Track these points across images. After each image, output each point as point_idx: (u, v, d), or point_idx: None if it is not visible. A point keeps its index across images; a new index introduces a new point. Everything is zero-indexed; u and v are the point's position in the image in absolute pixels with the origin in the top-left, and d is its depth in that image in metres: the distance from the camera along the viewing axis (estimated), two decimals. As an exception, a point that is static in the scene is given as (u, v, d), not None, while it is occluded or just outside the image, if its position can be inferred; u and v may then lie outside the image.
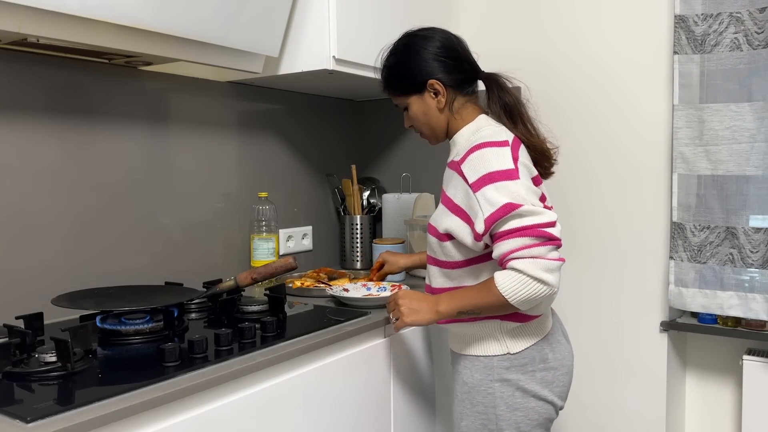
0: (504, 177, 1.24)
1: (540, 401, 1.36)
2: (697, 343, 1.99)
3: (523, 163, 1.29)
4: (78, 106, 1.54)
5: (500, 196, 1.22)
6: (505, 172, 1.25)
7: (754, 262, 1.71)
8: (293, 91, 2.14)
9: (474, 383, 1.37)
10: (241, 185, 1.96)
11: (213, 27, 1.46)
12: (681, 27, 1.78)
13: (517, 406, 1.34)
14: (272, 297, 1.49)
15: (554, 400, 1.37)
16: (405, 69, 1.40)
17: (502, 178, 1.24)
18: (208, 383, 1.07)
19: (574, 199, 2.02)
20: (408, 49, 1.40)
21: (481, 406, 1.36)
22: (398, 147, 2.36)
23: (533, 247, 1.19)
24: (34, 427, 0.87)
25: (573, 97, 2.02)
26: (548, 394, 1.36)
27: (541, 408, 1.36)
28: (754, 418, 1.75)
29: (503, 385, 1.35)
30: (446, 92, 1.38)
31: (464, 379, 1.39)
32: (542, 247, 1.20)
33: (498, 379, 1.35)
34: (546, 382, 1.36)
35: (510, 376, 1.34)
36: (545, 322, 1.39)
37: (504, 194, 1.22)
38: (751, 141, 1.71)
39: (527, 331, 1.35)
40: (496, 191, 1.23)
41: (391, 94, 1.45)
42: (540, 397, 1.35)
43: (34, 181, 1.46)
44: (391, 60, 1.42)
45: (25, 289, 1.44)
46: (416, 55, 1.38)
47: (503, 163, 1.26)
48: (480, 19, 2.19)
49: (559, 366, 1.39)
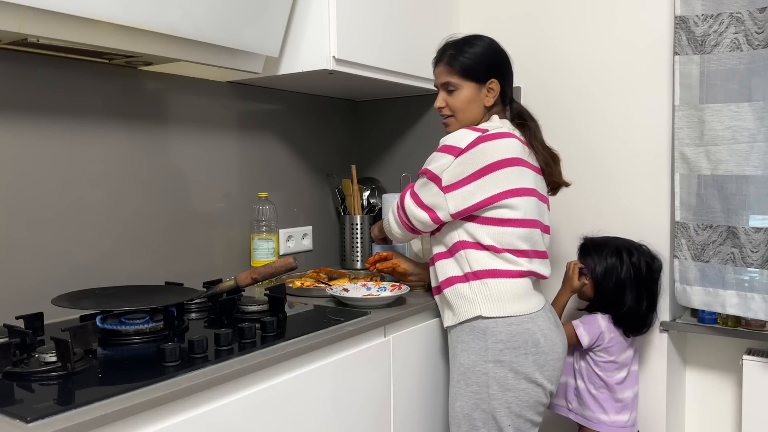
0: (445, 149, 1.49)
1: (531, 383, 1.47)
2: (697, 343, 1.99)
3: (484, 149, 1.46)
4: (78, 107, 1.54)
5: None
6: (451, 147, 1.48)
7: (754, 262, 1.71)
8: (293, 91, 2.14)
9: (469, 364, 1.48)
10: (241, 185, 1.96)
11: (213, 27, 1.46)
12: (681, 28, 1.78)
13: (509, 386, 1.45)
14: (272, 297, 1.49)
15: (544, 383, 1.48)
16: (485, 59, 1.57)
17: (442, 150, 1.50)
18: (208, 383, 1.07)
19: (576, 199, 2.02)
20: (493, 50, 1.59)
21: (475, 386, 1.47)
22: (398, 147, 2.36)
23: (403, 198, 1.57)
24: (34, 427, 0.87)
25: (573, 97, 2.02)
26: (539, 377, 1.47)
27: (532, 390, 1.47)
28: (754, 418, 1.75)
29: (497, 366, 1.46)
30: (498, 95, 1.57)
31: (460, 361, 1.50)
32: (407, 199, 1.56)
33: (492, 359, 1.46)
34: (538, 365, 1.47)
35: (504, 357, 1.45)
36: (522, 300, 1.48)
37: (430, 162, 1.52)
38: (751, 141, 1.71)
39: (501, 298, 1.47)
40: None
41: (449, 72, 1.57)
42: (531, 380, 1.46)
43: (34, 181, 1.46)
44: (477, 47, 1.57)
45: (25, 289, 1.44)
46: (497, 54, 1.59)
47: (459, 142, 1.48)
48: (480, 19, 2.19)
49: (549, 351, 1.49)
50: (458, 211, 1.49)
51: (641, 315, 1.77)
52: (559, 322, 1.61)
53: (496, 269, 1.49)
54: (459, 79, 1.55)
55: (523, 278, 1.51)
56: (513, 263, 1.49)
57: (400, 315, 1.54)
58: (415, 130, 2.31)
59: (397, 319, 1.53)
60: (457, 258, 1.53)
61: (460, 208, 1.48)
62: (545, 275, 1.57)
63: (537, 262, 1.55)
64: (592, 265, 1.80)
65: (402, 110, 2.34)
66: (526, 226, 1.50)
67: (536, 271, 1.53)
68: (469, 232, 1.51)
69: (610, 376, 1.76)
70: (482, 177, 1.46)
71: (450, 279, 1.53)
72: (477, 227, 1.50)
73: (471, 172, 1.47)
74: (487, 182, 1.47)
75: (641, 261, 1.78)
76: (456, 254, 1.53)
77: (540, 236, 1.56)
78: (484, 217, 1.49)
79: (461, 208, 1.48)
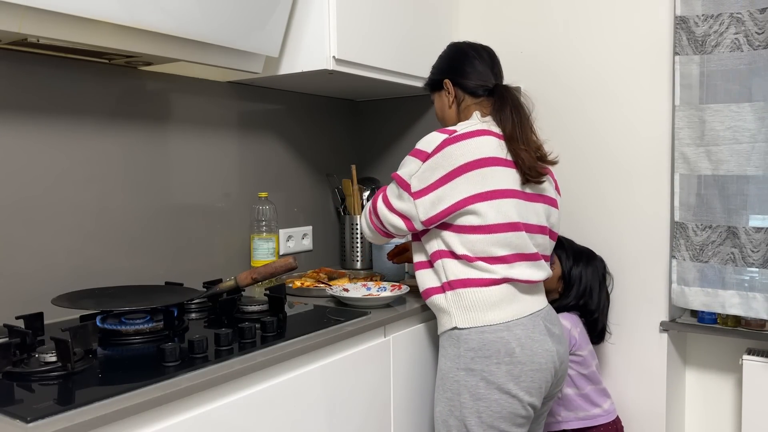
0: (414, 153, 1.48)
1: (503, 394, 1.40)
2: (697, 342, 1.99)
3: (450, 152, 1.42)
4: (78, 107, 1.54)
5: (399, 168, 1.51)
6: (419, 151, 1.47)
7: (755, 262, 1.72)
8: (293, 91, 2.14)
9: (445, 370, 1.46)
10: (241, 185, 1.96)
11: (213, 27, 1.46)
12: (682, 28, 1.78)
13: (480, 396, 1.40)
14: (272, 297, 1.49)
15: (519, 395, 1.40)
16: (436, 68, 1.66)
17: (413, 154, 1.48)
18: (208, 383, 1.07)
19: (575, 199, 2.02)
20: (443, 54, 1.66)
21: (450, 392, 1.44)
22: (398, 147, 2.36)
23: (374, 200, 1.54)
24: (34, 427, 0.87)
25: (573, 97, 2.02)
26: (512, 387, 1.40)
27: (505, 401, 1.40)
28: (754, 418, 1.75)
29: (468, 374, 1.42)
30: (455, 92, 1.59)
31: (439, 366, 1.49)
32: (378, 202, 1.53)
33: (464, 367, 1.42)
34: (512, 375, 1.40)
35: (475, 366, 1.41)
36: (497, 309, 1.42)
37: (401, 166, 1.49)
38: (751, 141, 1.71)
39: (474, 308, 1.43)
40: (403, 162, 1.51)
41: (428, 92, 1.69)
42: (504, 390, 1.40)
43: (34, 181, 1.46)
44: (436, 61, 1.67)
45: (25, 289, 1.44)
46: (445, 58, 1.65)
47: (427, 145, 1.46)
48: (480, 19, 2.19)
49: (527, 361, 1.41)
50: (428, 218, 1.44)
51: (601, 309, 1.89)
52: (556, 330, 1.51)
53: (469, 278, 1.43)
54: (430, 93, 1.67)
55: (498, 286, 1.43)
56: (487, 271, 1.42)
57: (400, 315, 1.54)
58: (415, 130, 2.31)
59: (397, 319, 1.54)
60: (436, 268, 1.48)
61: (429, 215, 1.43)
62: (533, 279, 1.45)
63: (523, 266, 1.45)
64: (562, 256, 1.87)
65: (402, 110, 2.34)
66: (500, 231, 1.41)
67: (516, 277, 1.43)
68: (445, 241, 1.45)
69: (590, 369, 1.80)
70: (448, 182, 1.41)
71: (427, 291, 1.50)
72: (451, 235, 1.44)
73: (437, 178, 1.42)
74: (452, 187, 1.41)
75: (602, 266, 1.93)
76: (435, 264, 1.48)
77: (527, 238, 1.45)
78: (456, 225, 1.43)
79: (430, 215, 1.43)
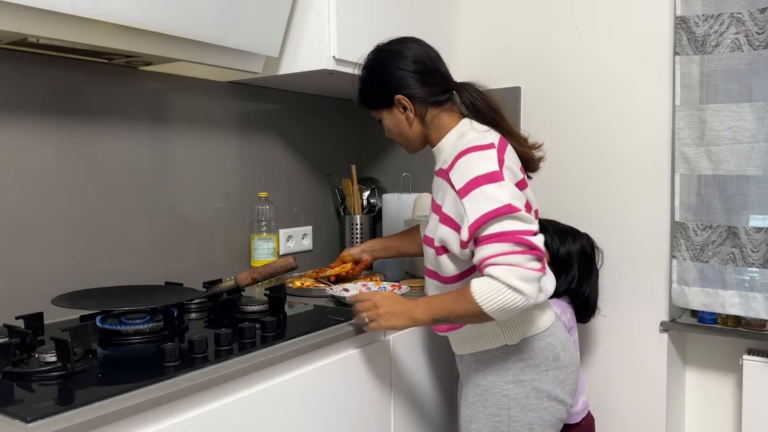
0: (489, 180, 1.22)
1: (553, 401, 1.36)
2: (697, 342, 1.99)
3: (508, 166, 1.28)
4: (78, 107, 1.54)
5: (484, 202, 1.20)
6: (490, 175, 1.23)
7: (755, 262, 1.72)
8: (293, 91, 2.14)
9: (488, 385, 1.37)
10: (241, 185, 1.96)
11: (213, 27, 1.45)
12: (682, 28, 1.78)
13: (531, 407, 1.34)
14: (272, 297, 1.49)
15: (566, 399, 1.38)
16: (374, 84, 1.39)
17: (487, 181, 1.22)
18: (208, 383, 1.07)
19: (575, 198, 2.02)
20: (377, 65, 1.39)
21: (494, 407, 1.36)
22: (398, 147, 2.33)
23: (511, 254, 1.17)
24: (34, 427, 0.87)
25: (574, 97, 2.02)
26: (560, 393, 1.37)
27: (554, 408, 1.37)
28: (754, 418, 1.75)
29: (518, 386, 1.35)
30: (414, 106, 1.36)
31: (476, 382, 1.39)
32: (521, 256, 1.17)
33: (513, 380, 1.35)
34: (559, 380, 1.37)
35: (525, 376, 1.34)
36: (542, 315, 1.37)
37: (488, 199, 1.20)
38: (751, 141, 1.71)
39: (521, 322, 1.34)
40: (482, 195, 1.21)
41: (364, 108, 1.45)
42: (553, 397, 1.36)
43: (35, 181, 1.46)
44: (363, 74, 1.41)
45: (25, 289, 1.44)
46: (384, 70, 1.37)
47: (488, 167, 1.24)
48: (480, 19, 2.19)
49: (569, 363, 1.39)
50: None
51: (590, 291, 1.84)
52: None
53: None
54: (373, 111, 1.42)
55: None
56: None
57: (400, 315, 1.54)
58: (415, 130, 2.31)
59: (397, 319, 1.53)
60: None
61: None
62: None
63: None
64: (548, 239, 1.76)
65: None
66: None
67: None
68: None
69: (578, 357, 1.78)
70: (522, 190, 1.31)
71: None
72: None
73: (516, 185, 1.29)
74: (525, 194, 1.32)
75: (590, 242, 1.87)
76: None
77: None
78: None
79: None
